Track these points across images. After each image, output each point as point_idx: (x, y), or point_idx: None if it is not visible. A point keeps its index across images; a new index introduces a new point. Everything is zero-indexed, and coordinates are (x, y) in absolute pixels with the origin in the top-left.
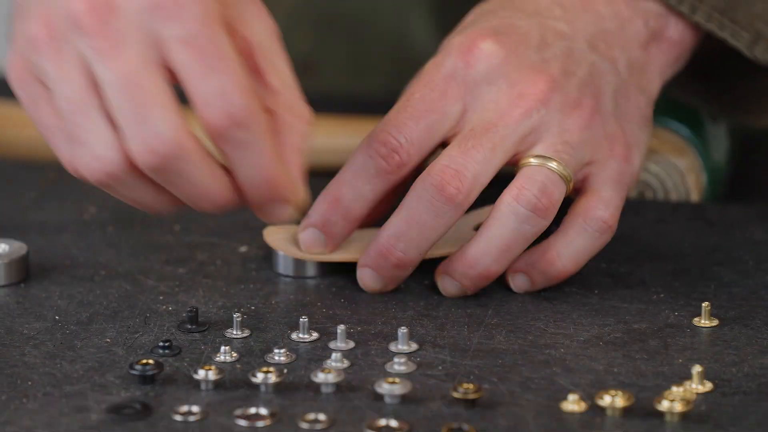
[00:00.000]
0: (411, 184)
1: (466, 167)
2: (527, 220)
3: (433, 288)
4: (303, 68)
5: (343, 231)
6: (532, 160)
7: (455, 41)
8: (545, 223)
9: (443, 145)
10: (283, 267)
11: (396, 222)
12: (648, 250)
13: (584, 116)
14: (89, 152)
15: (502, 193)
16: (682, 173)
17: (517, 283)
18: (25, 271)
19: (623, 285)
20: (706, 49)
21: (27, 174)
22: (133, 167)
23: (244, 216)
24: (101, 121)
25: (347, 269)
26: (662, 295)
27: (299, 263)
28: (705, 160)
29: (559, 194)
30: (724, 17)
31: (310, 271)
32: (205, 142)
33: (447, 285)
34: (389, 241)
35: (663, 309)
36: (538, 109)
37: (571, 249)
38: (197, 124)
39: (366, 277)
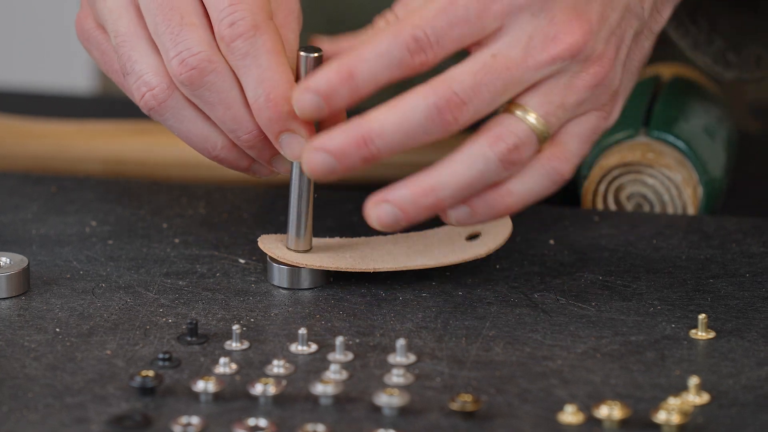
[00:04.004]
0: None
1: (472, 102)
2: (495, 168)
3: (431, 300)
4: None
5: (345, 105)
6: (519, 112)
7: None
8: (507, 176)
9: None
10: (278, 279)
11: (384, 119)
12: (644, 263)
13: (600, 73)
14: (138, 80)
15: (479, 132)
16: (679, 187)
17: (458, 214)
18: (26, 283)
19: (620, 297)
20: None
21: (28, 187)
22: (176, 90)
23: (243, 229)
24: (148, 50)
25: (344, 279)
26: (659, 308)
27: (294, 275)
28: (701, 174)
29: (528, 154)
30: None
31: (305, 282)
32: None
33: (383, 213)
34: (370, 135)
35: (660, 321)
36: (564, 59)
37: (523, 189)
38: None
39: (320, 159)
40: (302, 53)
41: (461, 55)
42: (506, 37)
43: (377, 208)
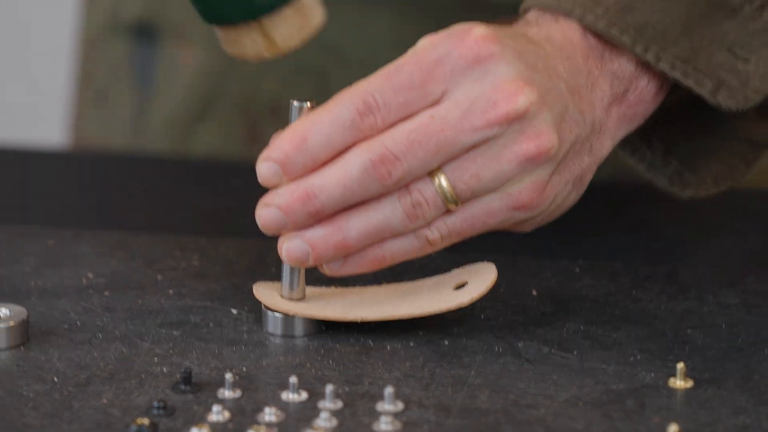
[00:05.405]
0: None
1: (405, 159)
2: (399, 217)
3: (418, 349)
4: (270, 111)
5: (303, 172)
6: (436, 174)
7: (456, 27)
8: (413, 228)
9: None
10: (272, 326)
11: (325, 174)
12: (624, 314)
13: (531, 151)
14: None
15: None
16: None
17: (330, 265)
18: (25, 334)
19: (601, 347)
20: (659, 113)
21: (26, 241)
22: None
23: (236, 280)
24: None
25: (335, 328)
26: (639, 357)
27: (287, 323)
28: None
29: (433, 214)
30: (687, 65)
31: (298, 330)
32: None
33: (293, 247)
34: (313, 190)
35: (639, 370)
36: (501, 124)
37: (396, 246)
38: None
39: (270, 215)
40: (295, 103)
41: None
42: (448, 101)
43: (289, 242)
